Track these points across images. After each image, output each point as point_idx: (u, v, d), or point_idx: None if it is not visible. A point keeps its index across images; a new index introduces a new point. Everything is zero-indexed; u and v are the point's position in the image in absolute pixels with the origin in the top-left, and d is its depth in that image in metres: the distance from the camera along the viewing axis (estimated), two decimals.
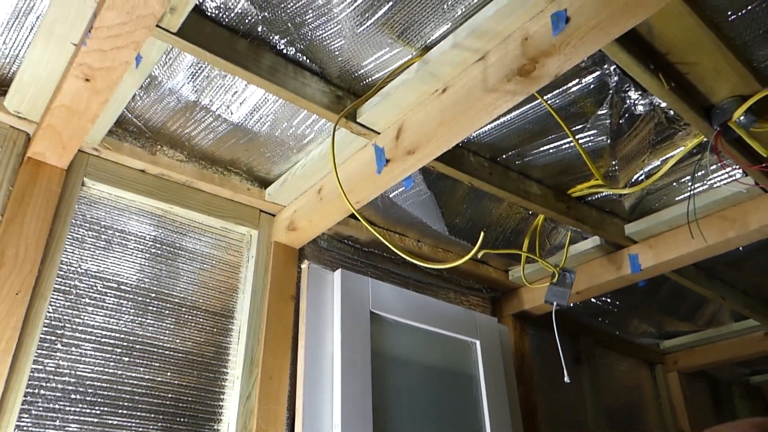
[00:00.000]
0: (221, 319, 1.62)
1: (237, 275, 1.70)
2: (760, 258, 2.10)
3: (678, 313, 2.63)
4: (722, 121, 1.34)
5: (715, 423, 3.20)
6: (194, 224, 1.67)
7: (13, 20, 1.23)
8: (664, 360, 3.02)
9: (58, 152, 1.38)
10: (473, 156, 1.62)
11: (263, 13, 1.22)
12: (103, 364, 1.38)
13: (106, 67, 1.15)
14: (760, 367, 3.30)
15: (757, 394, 3.59)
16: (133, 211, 1.57)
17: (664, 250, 1.87)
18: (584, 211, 1.84)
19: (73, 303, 1.39)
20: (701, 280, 2.18)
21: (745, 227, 1.68)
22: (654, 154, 1.60)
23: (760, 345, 2.73)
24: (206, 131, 1.56)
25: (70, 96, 1.22)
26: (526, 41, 1.13)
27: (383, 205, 1.85)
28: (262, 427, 1.51)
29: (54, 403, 1.30)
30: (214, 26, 1.22)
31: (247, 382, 1.55)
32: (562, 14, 1.06)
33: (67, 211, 1.43)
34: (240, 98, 1.45)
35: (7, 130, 1.41)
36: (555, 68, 1.12)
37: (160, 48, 1.22)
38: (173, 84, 1.40)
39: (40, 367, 1.30)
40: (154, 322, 1.49)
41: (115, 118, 1.42)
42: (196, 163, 1.64)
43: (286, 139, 1.58)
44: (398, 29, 1.25)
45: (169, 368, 1.47)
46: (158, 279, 1.54)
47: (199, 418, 1.48)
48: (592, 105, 1.43)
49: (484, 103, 1.23)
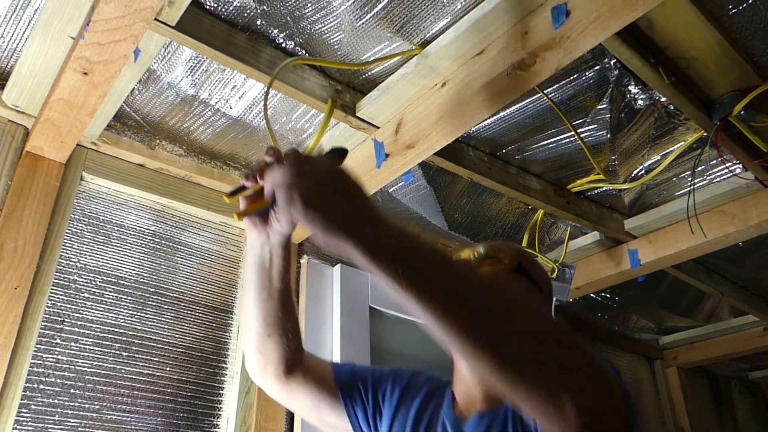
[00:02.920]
0: (220, 313, 1.61)
1: (236, 270, 1.70)
2: (759, 253, 2.10)
3: (677, 308, 2.63)
4: (722, 116, 1.34)
5: (714, 419, 3.21)
6: (193, 219, 1.66)
7: (11, 13, 1.23)
8: (663, 355, 3.02)
9: (56, 146, 1.38)
10: (473, 150, 1.62)
11: (262, 6, 1.21)
12: (102, 359, 1.38)
13: (104, 60, 1.14)
14: (759, 363, 3.30)
15: (757, 390, 3.59)
16: (132, 206, 1.57)
17: (664, 246, 1.87)
18: (584, 206, 1.83)
19: (72, 297, 1.39)
20: (701, 275, 2.18)
21: (745, 222, 1.68)
22: (654, 149, 1.59)
23: (760, 340, 2.73)
24: (205, 125, 1.55)
25: (68, 90, 1.21)
26: (526, 35, 1.12)
27: (382, 200, 1.85)
28: (261, 423, 1.51)
29: (53, 397, 1.30)
30: (213, 20, 1.22)
31: (247, 377, 1.54)
32: (562, 8, 1.06)
33: (65, 205, 1.43)
34: (239, 92, 1.44)
35: (5, 124, 1.40)
36: (555, 62, 1.11)
37: (158, 42, 1.22)
38: (172, 78, 1.40)
39: (39, 361, 1.30)
40: (154, 316, 1.49)
41: (113, 112, 1.42)
42: (195, 158, 1.64)
43: (286, 133, 1.58)
44: (397, 23, 1.24)
45: (169, 363, 1.47)
46: (157, 274, 1.54)
47: (198, 413, 1.48)
48: (592, 99, 1.43)
49: (483, 98, 1.23)
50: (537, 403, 0.62)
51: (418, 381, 1.08)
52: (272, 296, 0.96)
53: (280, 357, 1.00)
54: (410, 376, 1.09)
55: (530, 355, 0.64)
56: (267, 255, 0.94)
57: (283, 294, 0.97)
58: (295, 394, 1.04)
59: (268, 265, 0.94)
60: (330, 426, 1.08)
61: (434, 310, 0.65)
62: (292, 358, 1.01)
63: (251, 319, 0.98)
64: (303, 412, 1.10)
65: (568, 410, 0.61)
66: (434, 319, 0.65)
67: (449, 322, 0.65)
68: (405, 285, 0.66)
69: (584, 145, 1.53)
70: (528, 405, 0.64)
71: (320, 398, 1.05)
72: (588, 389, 0.64)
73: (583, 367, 0.65)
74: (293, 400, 1.06)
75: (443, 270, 0.69)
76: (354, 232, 0.69)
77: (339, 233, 0.69)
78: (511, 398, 0.65)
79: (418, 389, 1.05)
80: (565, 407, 0.61)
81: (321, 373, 1.07)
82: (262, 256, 0.94)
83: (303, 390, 1.04)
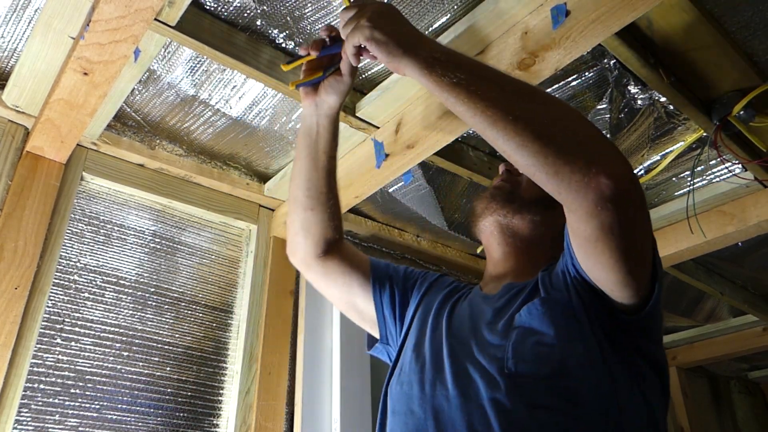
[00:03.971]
0: (220, 313, 1.62)
1: (236, 270, 1.70)
2: (759, 253, 2.10)
3: (677, 308, 2.63)
4: (722, 116, 1.34)
5: (714, 419, 3.18)
6: (193, 219, 1.67)
7: (11, 13, 1.23)
8: None
9: (56, 146, 1.38)
10: (473, 150, 1.62)
11: (262, 6, 1.21)
12: (103, 359, 1.38)
13: (104, 60, 1.14)
14: (759, 363, 3.31)
15: (756, 390, 3.60)
16: (132, 206, 1.57)
17: (663, 245, 1.87)
18: None
19: (72, 297, 1.39)
20: (700, 275, 2.18)
21: (745, 222, 1.67)
22: (653, 148, 1.59)
23: (759, 340, 2.73)
24: (205, 125, 1.55)
25: (69, 90, 1.21)
26: (525, 35, 1.12)
27: (382, 200, 1.85)
28: (261, 423, 1.51)
29: (53, 397, 1.30)
30: (213, 20, 1.22)
31: (246, 377, 1.55)
32: (562, 8, 1.06)
33: (66, 205, 1.43)
34: (239, 92, 1.44)
35: (5, 124, 1.40)
36: (555, 62, 1.11)
37: (158, 42, 1.22)
38: (172, 78, 1.40)
39: (39, 361, 1.30)
40: (154, 316, 1.49)
41: (113, 112, 1.42)
42: (195, 158, 1.64)
43: (285, 133, 1.58)
44: None
45: (169, 363, 1.48)
46: (157, 274, 1.54)
47: (198, 413, 1.48)
48: (591, 99, 1.43)
49: None
50: (573, 174, 0.71)
51: (447, 279, 1.14)
52: (317, 168, 1.07)
53: (320, 234, 1.10)
54: (441, 275, 1.16)
55: (568, 133, 0.75)
56: (314, 125, 1.05)
57: (328, 169, 1.08)
58: (331, 276, 1.13)
59: (315, 136, 1.06)
60: (357, 311, 1.15)
61: (485, 107, 0.76)
62: (332, 237, 1.11)
63: (297, 190, 1.09)
64: (335, 294, 1.17)
65: (601, 177, 0.70)
66: (486, 116, 0.76)
67: (497, 115, 0.75)
68: (456, 89, 0.78)
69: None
70: (566, 180, 0.72)
71: (353, 280, 1.13)
72: (617, 160, 0.74)
73: (609, 146, 0.76)
74: (329, 281, 1.14)
75: (487, 73, 0.82)
76: (413, 50, 0.83)
77: (401, 52, 0.83)
78: (550, 182, 0.74)
79: (448, 284, 1.11)
80: (599, 174, 0.70)
81: (358, 258, 1.16)
82: (311, 125, 1.06)
83: (339, 271, 1.13)
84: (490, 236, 1.05)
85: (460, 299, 1.02)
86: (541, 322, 0.83)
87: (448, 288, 1.09)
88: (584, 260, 0.81)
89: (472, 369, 0.85)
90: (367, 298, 1.13)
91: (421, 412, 0.87)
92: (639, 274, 0.78)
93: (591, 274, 0.81)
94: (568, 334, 0.82)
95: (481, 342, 0.88)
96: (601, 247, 0.75)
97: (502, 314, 0.90)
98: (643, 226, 0.78)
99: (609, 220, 0.72)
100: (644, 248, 0.79)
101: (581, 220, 0.74)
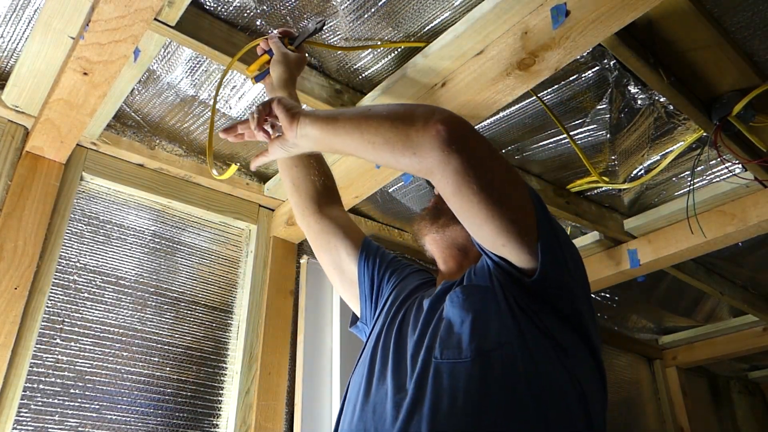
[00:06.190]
0: (220, 313, 1.61)
1: (236, 270, 1.70)
2: (759, 253, 2.10)
3: (677, 308, 2.64)
4: (722, 116, 1.34)
5: (714, 419, 3.18)
6: (193, 219, 1.67)
7: (11, 13, 1.23)
8: (662, 355, 3.02)
9: (56, 146, 1.38)
10: None
11: (262, 6, 1.21)
12: (102, 359, 1.38)
13: (104, 60, 1.14)
14: (758, 363, 3.31)
15: (756, 390, 3.60)
16: (132, 206, 1.57)
17: (664, 245, 1.87)
18: (583, 206, 1.83)
19: (72, 297, 1.39)
20: (700, 275, 2.18)
21: (744, 222, 1.68)
22: (653, 148, 1.59)
23: (759, 340, 2.73)
24: (205, 125, 1.55)
25: (68, 90, 1.21)
26: (525, 35, 1.12)
27: (382, 200, 1.85)
28: (261, 423, 1.51)
29: (53, 397, 1.30)
30: (213, 20, 1.22)
31: (246, 377, 1.55)
32: (562, 8, 1.06)
33: (65, 205, 1.43)
34: (239, 92, 1.44)
35: (5, 124, 1.40)
36: (555, 62, 1.11)
37: (158, 42, 1.22)
38: (172, 78, 1.40)
39: (39, 361, 1.30)
40: (153, 316, 1.49)
41: (113, 112, 1.42)
42: (194, 158, 1.64)
43: None
44: (396, 23, 1.24)
45: (168, 363, 1.47)
46: (157, 274, 1.54)
47: (198, 413, 1.48)
48: (591, 99, 1.43)
49: (483, 98, 1.23)
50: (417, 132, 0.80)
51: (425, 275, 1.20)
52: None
53: (310, 188, 1.22)
54: (421, 269, 1.23)
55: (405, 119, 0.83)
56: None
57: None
58: (325, 236, 1.22)
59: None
60: (340, 271, 1.22)
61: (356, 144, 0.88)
62: (322, 191, 1.22)
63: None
64: (323, 250, 1.24)
65: (438, 125, 0.79)
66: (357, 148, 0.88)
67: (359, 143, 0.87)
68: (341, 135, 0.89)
69: (579, 150, 1.53)
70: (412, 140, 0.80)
71: (345, 244, 1.21)
72: (449, 114, 0.82)
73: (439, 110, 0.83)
74: (322, 241, 1.22)
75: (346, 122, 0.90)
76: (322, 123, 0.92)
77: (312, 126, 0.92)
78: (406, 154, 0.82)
79: (423, 278, 1.17)
80: (435, 123, 0.79)
81: (354, 228, 1.24)
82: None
83: (332, 232, 1.21)
84: (433, 250, 1.13)
85: (425, 296, 1.06)
86: (461, 307, 0.89)
87: (420, 281, 1.15)
88: (465, 220, 0.85)
89: (409, 363, 0.90)
90: (352, 262, 1.20)
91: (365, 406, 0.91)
92: (519, 222, 0.83)
93: (477, 237, 0.87)
94: (486, 315, 0.87)
95: (419, 336, 0.93)
96: (465, 193, 0.80)
97: (435, 308, 0.96)
98: (500, 168, 0.84)
99: (458, 162, 0.78)
100: (509, 191, 0.83)
101: (440, 178, 0.80)
